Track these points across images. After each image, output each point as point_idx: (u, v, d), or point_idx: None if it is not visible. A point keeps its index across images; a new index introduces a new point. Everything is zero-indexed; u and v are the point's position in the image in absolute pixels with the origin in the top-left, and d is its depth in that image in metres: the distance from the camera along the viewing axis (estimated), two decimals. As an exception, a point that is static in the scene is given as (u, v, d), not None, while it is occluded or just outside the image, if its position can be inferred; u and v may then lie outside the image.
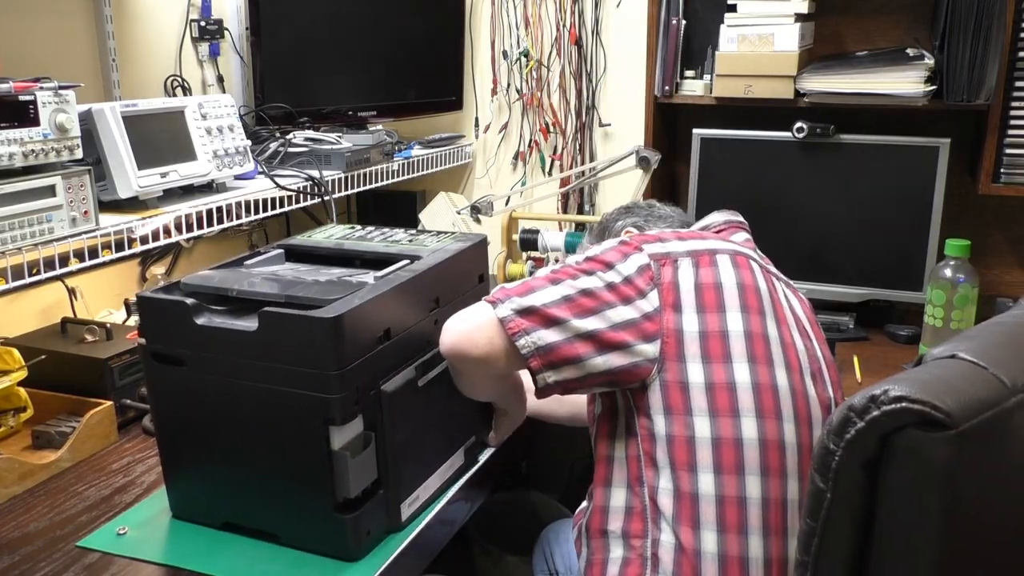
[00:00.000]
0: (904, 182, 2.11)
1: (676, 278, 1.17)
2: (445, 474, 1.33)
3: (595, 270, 1.19)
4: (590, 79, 2.57)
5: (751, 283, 1.20)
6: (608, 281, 1.17)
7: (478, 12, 2.65)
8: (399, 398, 1.17)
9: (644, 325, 1.15)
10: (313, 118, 2.26)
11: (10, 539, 1.21)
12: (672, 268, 1.18)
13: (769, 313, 1.19)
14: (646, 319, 1.16)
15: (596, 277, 1.18)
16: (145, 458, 1.43)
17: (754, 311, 1.18)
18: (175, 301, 1.15)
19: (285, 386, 1.10)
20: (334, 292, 1.13)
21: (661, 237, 1.23)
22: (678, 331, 1.15)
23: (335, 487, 1.11)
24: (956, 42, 1.93)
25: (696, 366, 1.14)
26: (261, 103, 2.19)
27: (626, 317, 1.15)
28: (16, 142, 1.36)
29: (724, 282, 1.18)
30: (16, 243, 1.35)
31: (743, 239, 1.36)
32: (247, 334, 1.11)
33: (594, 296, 1.16)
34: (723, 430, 1.11)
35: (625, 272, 1.18)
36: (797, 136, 2.15)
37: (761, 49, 2.10)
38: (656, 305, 1.16)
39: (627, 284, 1.17)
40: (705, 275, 1.18)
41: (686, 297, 1.16)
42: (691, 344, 1.15)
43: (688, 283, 1.17)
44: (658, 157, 2.11)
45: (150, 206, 1.64)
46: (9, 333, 1.65)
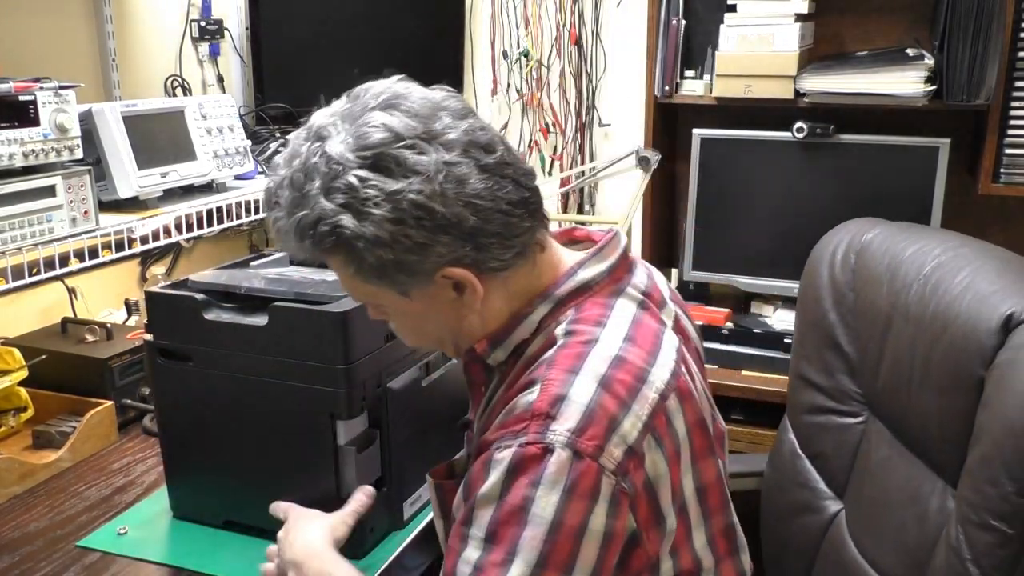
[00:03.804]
0: (904, 182, 2.11)
1: (647, 479, 0.86)
2: None
3: (549, 568, 0.81)
4: (590, 79, 2.57)
5: (696, 418, 0.92)
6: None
7: (478, 12, 2.65)
8: (404, 396, 1.17)
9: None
10: (313, 118, 2.25)
11: (10, 539, 1.21)
12: (639, 466, 0.85)
13: (710, 433, 0.96)
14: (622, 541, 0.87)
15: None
16: (145, 458, 1.43)
17: (702, 455, 0.93)
18: (185, 297, 1.16)
19: (293, 381, 1.11)
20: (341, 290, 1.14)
21: (602, 406, 0.83)
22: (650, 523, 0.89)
23: (339, 483, 1.11)
24: (956, 42, 1.93)
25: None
26: (261, 103, 2.19)
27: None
28: (16, 142, 1.36)
29: (680, 444, 0.90)
30: (16, 243, 1.35)
31: (644, 279, 1.01)
32: (257, 329, 1.12)
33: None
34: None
35: (600, 544, 0.83)
36: (797, 136, 2.15)
37: (761, 49, 2.10)
38: (634, 528, 0.87)
39: (607, 554, 0.84)
40: (667, 448, 0.88)
41: (662, 495, 0.88)
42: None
43: (658, 473, 0.87)
44: (658, 157, 2.11)
45: (150, 206, 1.64)
46: (9, 333, 1.65)
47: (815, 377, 1.31)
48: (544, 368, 0.87)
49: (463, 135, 0.86)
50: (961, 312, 1.03)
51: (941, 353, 1.05)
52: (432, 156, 0.84)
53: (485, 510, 0.84)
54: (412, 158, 0.83)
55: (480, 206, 0.85)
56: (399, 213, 0.83)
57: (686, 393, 0.91)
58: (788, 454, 1.36)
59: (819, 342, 1.30)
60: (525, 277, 0.93)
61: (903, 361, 1.12)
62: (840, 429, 1.26)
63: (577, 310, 0.92)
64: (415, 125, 0.85)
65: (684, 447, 0.90)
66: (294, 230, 0.86)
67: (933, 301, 1.08)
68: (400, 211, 0.83)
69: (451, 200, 0.84)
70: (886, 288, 1.18)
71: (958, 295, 1.05)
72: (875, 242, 1.24)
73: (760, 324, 2.23)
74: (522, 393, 0.86)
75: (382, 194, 0.82)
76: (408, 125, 0.84)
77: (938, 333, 1.06)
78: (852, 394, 1.26)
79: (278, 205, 0.88)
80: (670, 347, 0.93)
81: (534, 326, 0.93)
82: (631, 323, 0.92)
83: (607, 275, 0.96)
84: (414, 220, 0.83)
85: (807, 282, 1.33)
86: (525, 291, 0.94)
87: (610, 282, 0.96)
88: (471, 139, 0.86)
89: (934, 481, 1.07)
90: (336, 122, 0.87)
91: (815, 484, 1.30)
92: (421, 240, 0.84)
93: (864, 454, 1.22)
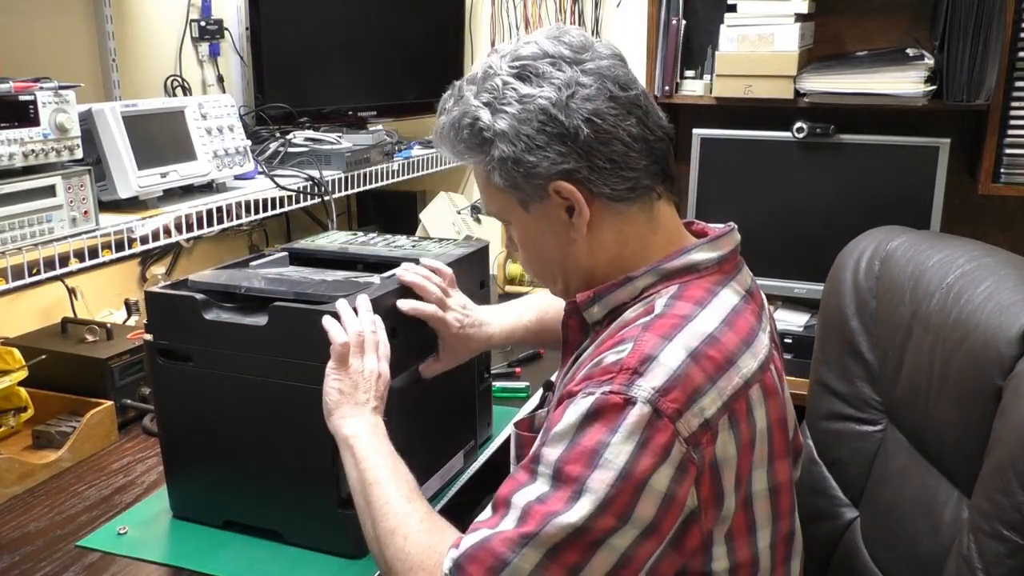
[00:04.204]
0: (904, 182, 2.11)
1: (715, 458, 0.86)
2: (445, 476, 1.33)
3: (608, 513, 0.82)
4: (590, 79, 2.57)
5: (778, 416, 0.94)
6: (636, 533, 0.83)
7: (478, 12, 2.65)
8: (404, 396, 1.17)
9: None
10: (313, 118, 2.26)
11: (10, 539, 1.21)
12: (711, 442, 0.86)
13: (790, 436, 0.98)
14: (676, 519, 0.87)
15: (617, 535, 0.83)
16: (145, 458, 1.43)
17: (779, 455, 0.95)
18: (185, 296, 1.16)
19: (293, 380, 1.11)
20: (341, 290, 1.14)
21: (688, 375, 0.85)
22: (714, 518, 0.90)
23: (339, 482, 1.11)
24: (956, 42, 1.93)
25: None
26: (261, 103, 2.19)
27: (657, 548, 0.86)
28: (16, 142, 1.36)
29: (757, 435, 0.91)
30: (16, 243, 1.35)
31: (748, 281, 1.04)
32: (257, 328, 1.12)
33: (615, 551, 0.83)
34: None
35: (659, 503, 0.83)
36: (797, 136, 2.15)
37: (761, 49, 2.10)
38: (695, 506, 0.87)
39: (664, 516, 0.84)
40: (742, 434, 0.89)
41: (727, 484, 0.88)
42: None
43: (727, 455, 0.88)
44: (658, 157, 2.11)
45: (150, 206, 1.64)
46: (9, 333, 1.65)
47: (835, 384, 1.30)
48: (639, 330, 0.90)
49: (604, 68, 0.94)
50: (981, 322, 1.02)
51: (960, 362, 1.04)
52: (568, 72, 0.93)
53: (556, 447, 0.86)
54: (550, 71, 0.93)
55: (599, 125, 0.92)
56: (526, 114, 0.93)
57: (771, 389, 0.93)
58: (805, 460, 1.35)
59: (840, 349, 1.29)
60: (640, 225, 0.98)
61: (922, 370, 1.12)
62: (858, 437, 1.26)
63: (681, 287, 0.95)
64: (564, 50, 0.95)
65: (761, 440, 0.91)
66: (448, 125, 0.99)
67: (955, 310, 1.07)
68: (528, 112, 0.93)
69: (573, 112, 0.92)
70: (908, 296, 1.17)
71: (979, 305, 1.04)
72: (900, 250, 1.24)
73: (760, 324, 2.23)
74: (612, 349, 0.89)
75: (516, 95, 0.94)
76: (559, 48, 0.95)
77: (958, 342, 1.05)
78: (871, 402, 1.25)
79: (444, 111, 1.01)
80: (763, 344, 0.95)
81: (637, 291, 0.97)
82: (731, 310, 0.94)
83: (716, 263, 0.98)
84: (538, 123, 0.93)
85: (830, 288, 1.32)
86: (637, 242, 0.99)
87: (718, 271, 0.98)
88: (610, 74, 0.94)
89: (950, 491, 1.07)
90: (507, 45, 1.00)
91: (831, 491, 1.30)
92: (540, 142, 0.93)
93: (881, 462, 1.22)
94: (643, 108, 0.96)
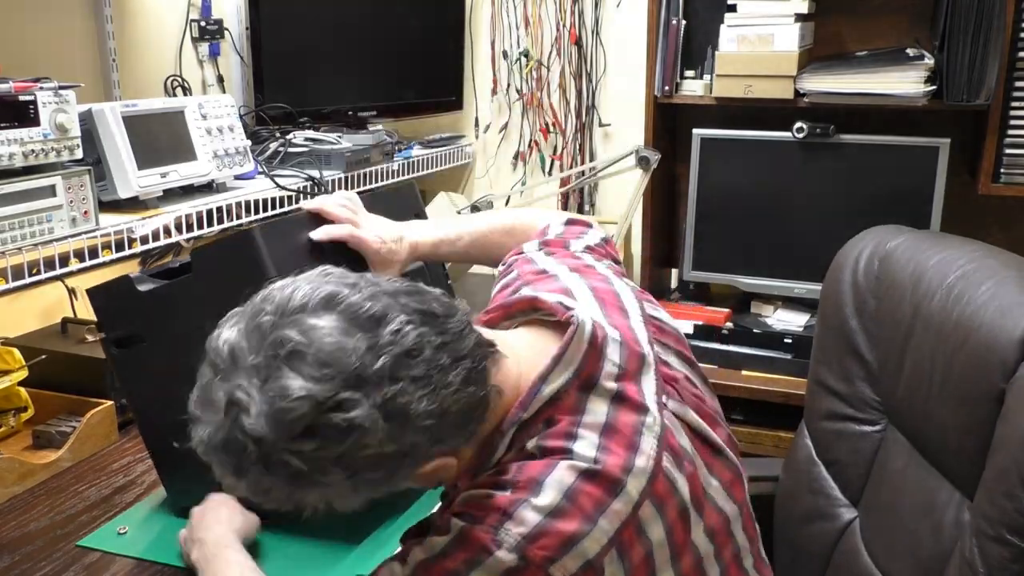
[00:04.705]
0: (904, 182, 2.11)
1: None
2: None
3: None
4: (590, 79, 2.57)
5: (677, 512, 0.89)
6: None
7: (478, 12, 2.65)
8: None
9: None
10: (313, 118, 2.25)
11: (11, 538, 1.21)
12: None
13: (696, 510, 0.91)
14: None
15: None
16: (145, 457, 1.43)
17: (683, 546, 0.90)
18: (119, 279, 1.19)
19: None
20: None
21: (563, 520, 0.82)
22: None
23: None
24: (956, 42, 1.93)
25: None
26: (261, 103, 2.19)
27: None
28: (16, 142, 1.36)
29: (654, 548, 0.87)
30: (16, 243, 1.35)
31: (616, 357, 0.92)
32: (186, 282, 1.13)
33: None
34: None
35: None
36: (797, 136, 2.15)
37: (761, 49, 2.10)
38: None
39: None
40: (635, 556, 0.85)
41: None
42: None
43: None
44: (658, 157, 2.11)
45: (150, 206, 1.64)
46: (9, 333, 1.65)
47: (834, 383, 1.30)
48: (512, 473, 0.85)
49: (387, 357, 0.77)
50: (983, 323, 1.02)
51: (962, 364, 1.04)
52: (364, 405, 0.75)
53: (425, 552, 0.85)
54: (345, 419, 0.75)
55: (429, 425, 0.79)
56: (352, 469, 0.77)
57: (664, 494, 0.87)
58: (804, 460, 1.35)
59: (839, 348, 1.29)
60: (489, 420, 0.88)
61: (923, 370, 1.12)
62: (857, 437, 1.26)
63: (548, 424, 0.88)
64: (332, 375, 0.75)
65: (660, 549, 0.87)
66: (251, 495, 0.81)
67: (956, 311, 1.07)
68: (352, 467, 0.77)
69: (399, 435, 0.77)
70: (909, 296, 1.17)
71: (981, 306, 1.04)
72: (899, 250, 1.24)
73: (760, 324, 2.23)
74: (490, 486, 0.85)
75: (328, 461, 0.76)
76: (324, 380, 0.74)
77: (959, 343, 1.05)
78: (871, 402, 1.25)
79: (220, 463, 0.79)
80: (648, 443, 0.88)
81: (506, 446, 0.89)
82: (603, 430, 0.87)
83: (574, 379, 0.89)
84: (371, 467, 0.78)
85: (829, 288, 1.32)
86: (490, 422, 0.89)
87: (578, 383, 0.89)
88: (395, 356, 0.77)
89: (951, 492, 1.07)
90: (243, 384, 0.76)
91: (830, 491, 1.30)
92: (384, 475, 0.80)
93: (881, 463, 1.22)
94: (442, 344, 0.80)
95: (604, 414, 0.88)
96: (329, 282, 0.81)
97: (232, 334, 0.79)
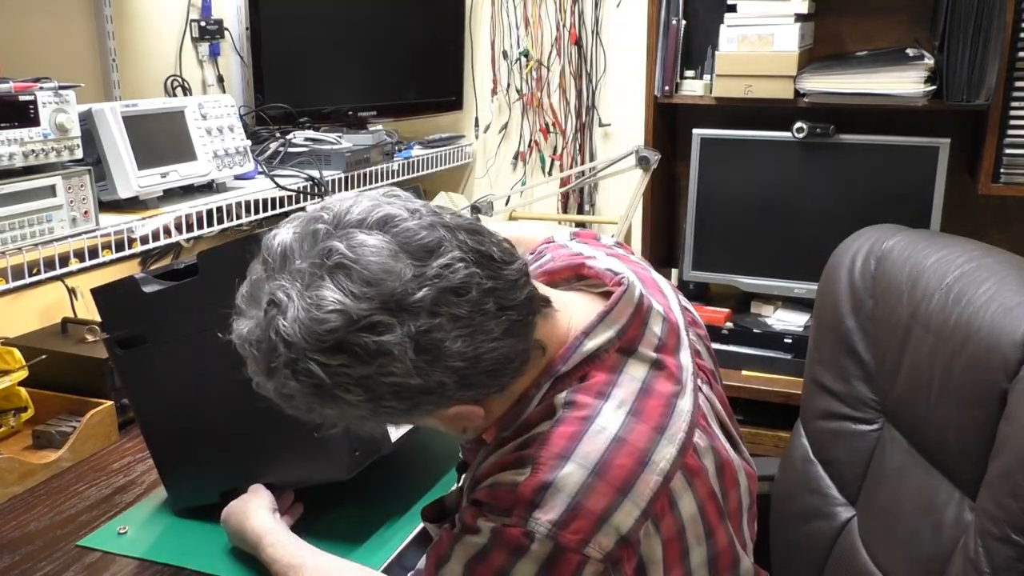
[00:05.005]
0: (904, 182, 2.11)
1: (640, 563, 0.83)
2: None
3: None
4: (590, 79, 2.57)
5: (707, 490, 0.88)
6: None
7: (478, 12, 2.65)
8: None
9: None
10: (313, 118, 2.26)
11: (11, 538, 1.21)
12: (632, 555, 0.82)
13: (722, 492, 0.91)
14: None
15: None
16: (145, 457, 1.43)
17: (716, 524, 0.89)
18: (124, 279, 1.18)
19: None
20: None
21: (591, 498, 0.80)
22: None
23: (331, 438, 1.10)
24: (956, 42, 1.93)
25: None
26: (261, 103, 2.19)
27: None
28: (16, 142, 1.36)
29: (686, 523, 0.86)
30: (16, 243, 1.35)
31: (657, 330, 0.93)
32: (193, 284, 1.13)
33: None
34: None
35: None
36: (797, 136, 2.15)
37: (761, 49, 2.10)
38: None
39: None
40: (668, 529, 0.84)
41: (652, 574, 0.85)
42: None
43: (653, 558, 0.84)
44: (658, 157, 2.11)
45: (150, 206, 1.64)
46: (9, 333, 1.65)
47: (830, 383, 1.30)
48: (536, 447, 0.83)
49: (430, 289, 0.75)
50: (985, 324, 1.01)
51: (963, 364, 1.04)
52: (397, 332, 0.74)
53: (466, 552, 0.83)
54: (375, 341, 0.74)
55: (462, 366, 0.77)
56: (374, 393, 0.77)
57: (695, 469, 0.86)
58: (800, 459, 1.35)
59: (835, 348, 1.29)
60: (529, 373, 0.87)
61: (922, 370, 1.11)
62: (854, 436, 1.26)
63: (582, 379, 0.87)
64: (370, 295, 0.74)
65: (693, 524, 0.86)
66: (276, 397, 0.81)
67: (955, 311, 1.07)
68: (374, 391, 0.77)
69: (426, 370, 0.76)
70: (907, 296, 1.17)
71: (981, 306, 1.03)
72: (896, 249, 1.23)
73: (760, 324, 2.23)
74: (512, 469, 0.83)
75: (351, 379, 0.76)
76: (362, 299, 0.74)
77: (960, 344, 1.04)
78: (868, 401, 1.25)
79: (252, 359, 0.80)
80: (682, 415, 0.87)
81: (538, 402, 0.87)
82: (639, 392, 0.86)
83: (617, 339, 0.88)
84: (392, 395, 0.77)
85: (825, 287, 1.32)
86: (528, 377, 0.87)
87: (620, 344, 0.88)
88: (440, 290, 0.75)
89: (951, 491, 1.07)
90: (286, 286, 0.76)
91: (827, 490, 1.30)
92: (404, 407, 0.79)
93: (878, 462, 1.22)
94: (492, 290, 0.78)
95: (641, 379, 0.87)
96: (392, 204, 0.80)
97: (287, 235, 0.79)
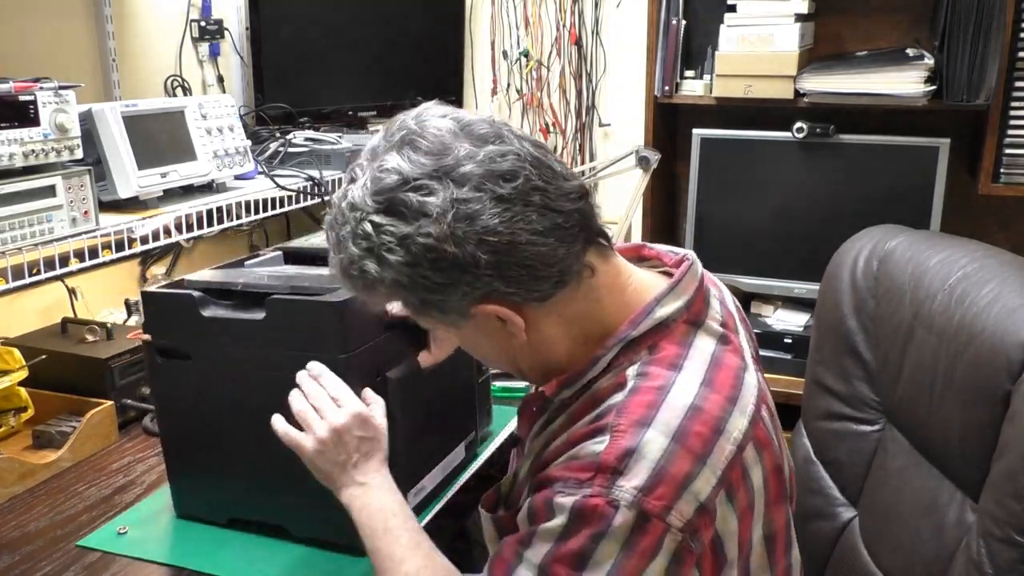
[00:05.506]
0: (904, 182, 2.11)
1: (716, 535, 0.83)
2: (447, 467, 1.34)
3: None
4: (590, 79, 2.57)
5: (773, 464, 0.89)
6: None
7: (478, 12, 2.65)
8: (404, 385, 1.18)
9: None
10: (313, 118, 2.26)
11: (10, 538, 1.21)
12: (710, 524, 0.82)
13: (785, 476, 0.93)
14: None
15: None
16: (145, 458, 1.43)
17: (775, 501, 0.90)
18: (182, 295, 1.17)
19: (292, 373, 1.10)
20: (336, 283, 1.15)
21: (674, 464, 0.80)
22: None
23: None
24: (956, 42, 1.93)
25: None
26: (261, 103, 2.19)
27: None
28: (16, 142, 1.36)
29: (755, 495, 0.87)
30: (16, 243, 1.35)
31: (718, 307, 0.97)
32: (255, 323, 1.13)
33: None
34: None
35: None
36: (797, 136, 2.15)
37: (761, 49, 2.10)
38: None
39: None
40: (741, 500, 0.84)
41: (728, 548, 0.85)
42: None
43: (728, 529, 0.84)
44: (658, 157, 2.11)
45: (150, 206, 1.64)
46: (9, 333, 1.65)
47: (832, 383, 1.30)
48: (614, 415, 0.83)
49: (478, 166, 0.81)
50: (988, 325, 1.01)
51: (966, 365, 1.04)
52: (440, 196, 0.80)
53: (544, 543, 0.82)
54: (420, 200, 0.80)
55: (496, 243, 0.81)
56: (412, 256, 0.81)
57: (764, 441, 0.87)
58: (801, 460, 1.35)
59: (837, 348, 1.29)
60: (579, 302, 0.88)
61: (925, 371, 1.11)
62: (856, 436, 1.26)
63: (652, 350, 0.88)
64: (425, 163, 0.81)
65: (759, 497, 0.86)
66: (338, 271, 0.88)
67: (958, 312, 1.07)
68: (413, 255, 0.81)
69: (462, 239, 0.80)
70: (909, 297, 1.17)
71: (984, 307, 1.03)
72: (899, 250, 1.23)
73: (760, 324, 2.23)
74: (590, 439, 0.83)
75: (395, 239, 0.81)
76: (418, 165, 0.81)
77: (963, 345, 1.04)
78: (869, 401, 1.25)
79: (329, 241, 0.89)
80: (750, 389, 0.88)
81: (606, 364, 0.89)
82: (709, 363, 0.88)
83: (685, 310, 0.90)
84: (428, 262, 0.81)
85: (827, 287, 1.32)
86: (588, 319, 0.89)
87: (688, 316, 0.90)
88: (488, 169, 0.81)
89: (953, 492, 1.07)
90: (363, 163, 0.86)
91: (828, 490, 1.29)
92: (440, 280, 0.82)
93: (880, 463, 1.22)
94: (540, 188, 0.83)
95: (710, 352, 0.89)
96: (468, 114, 0.87)
97: (377, 137, 0.88)
